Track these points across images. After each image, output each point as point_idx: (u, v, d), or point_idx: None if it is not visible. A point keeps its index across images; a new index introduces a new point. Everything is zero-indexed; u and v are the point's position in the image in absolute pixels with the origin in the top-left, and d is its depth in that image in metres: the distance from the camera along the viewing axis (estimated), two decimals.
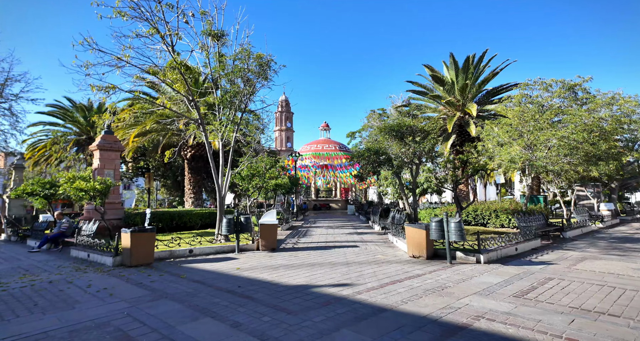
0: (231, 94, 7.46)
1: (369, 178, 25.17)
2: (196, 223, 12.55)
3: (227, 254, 7.06)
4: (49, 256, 8.07)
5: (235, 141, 8.32)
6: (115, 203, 12.22)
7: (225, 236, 7.89)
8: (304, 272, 5.10)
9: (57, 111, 28.00)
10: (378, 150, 8.99)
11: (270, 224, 7.39)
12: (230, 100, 7.80)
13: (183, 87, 7.27)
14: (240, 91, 7.44)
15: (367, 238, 9.93)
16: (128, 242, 5.86)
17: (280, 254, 6.85)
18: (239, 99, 7.61)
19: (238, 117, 8.04)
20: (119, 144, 12.86)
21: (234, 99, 7.78)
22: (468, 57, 19.10)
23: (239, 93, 7.45)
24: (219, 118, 8.21)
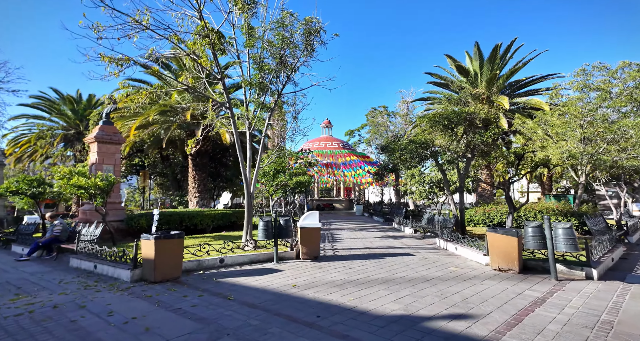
0: (268, 71, 6.35)
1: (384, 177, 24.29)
2: (208, 225, 11.44)
3: (265, 264, 6.02)
4: (42, 266, 6.91)
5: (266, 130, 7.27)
6: (115, 203, 11.02)
7: (254, 241, 6.85)
8: (384, 292, 4.11)
9: (42, 102, 26.33)
10: (424, 142, 8.08)
11: (312, 227, 6.38)
12: (261, 80, 6.73)
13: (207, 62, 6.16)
14: (276, 68, 6.36)
15: (409, 243, 8.98)
16: (151, 251, 4.79)
17: (328, 265, 5.85)
18: (276, 77, 6.51)
19: (271, 102, 6.96)
20: (119, 136, 11.65)
21: (266, 79, 6.71)
22: (496, 46, 18.33)
23: (275, 71, 6.37)
24: (245, 103, 7.15)
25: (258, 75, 6.72)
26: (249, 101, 7.15)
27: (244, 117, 7.27)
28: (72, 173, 8.64)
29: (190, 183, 16.82)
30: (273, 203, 10.73)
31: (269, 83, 6.75)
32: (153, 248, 4.76)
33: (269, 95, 7.09)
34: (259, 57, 6.67)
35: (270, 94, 7.02)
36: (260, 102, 6.74)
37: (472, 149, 7.92)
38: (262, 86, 6.76)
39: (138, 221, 10.54)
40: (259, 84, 6.74)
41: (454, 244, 7.18)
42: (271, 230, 6.03)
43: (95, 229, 7.69)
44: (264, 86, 6.55)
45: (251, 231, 7.39)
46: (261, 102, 6.73)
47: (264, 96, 6.98)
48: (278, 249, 6.25)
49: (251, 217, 7.39)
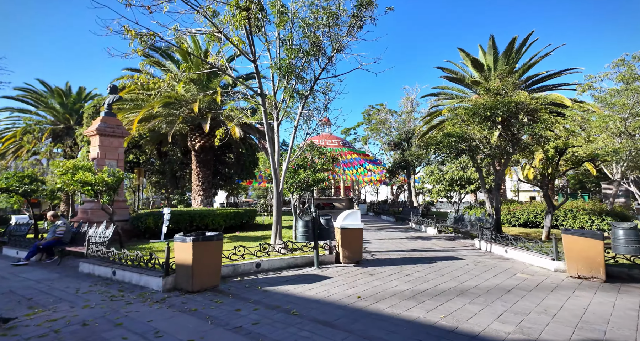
0: (306, 53, 5.73)
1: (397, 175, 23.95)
2: (220, 224, 10.83)
3: (305, 269, 5.50)
4: (46, 271, 6.24)
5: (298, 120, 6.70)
6: (120, 201, 10.31)
7: (285, 244, 6.32)
8: (473, 307, 3.58)
9: (28, 95, 25.08)
10: (462, 135, 7.65)
11: (354, 228, 5.88)
12: (292, 65, 6.13)
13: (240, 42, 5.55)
14: (313, 50, 5.75)
15: (443, 245, 8.56)
16: (188, 255, 4.21)
17: (378, 270, 5.35)
18: (314, 59, 5.88)
19: (305, 90, 6.36)
20: (122, 128, 10.92)
21: (298, 63, 6.11)
22: (513, 39, 18.09)
23: (314, 53, 5.76)
24: (274, 91, 6.58)
25: (288, 59, 6.15)
26: (278, 87, 6.58)
27: (270, 106, 6.70)
28: (76, 167, 7.94)
29: (193, 180, 16.10)
30: (294, 202, 10.18)
31: (302, 68, 6.17)
32: (190, 252, 4.18)
33: (299, 82, 6.53)
34: (289, 39, 6.09)
35: (300, 80, 6.45)
36: (293, 89, 6.17)
37: (514, 143, 7.54)
38: (290, 69, 6.16)
39: (145, 220, 9.86)
40: (288, 68, 6.16)
41: (501, 246, 6.78)
42: (312, 231, 5.51)
43: (106, 230, 7.04)
44: (292, 70, 5.96)
45: (280, 232, 6.86)
46: (293, 89, 6.17)
47: (295, 82, 6.43)
48: (316, 253, 5.74)
49: (280, 217, 6.86)
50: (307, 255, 5.78)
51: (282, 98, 6.69)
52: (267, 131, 6.43)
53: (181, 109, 15.00)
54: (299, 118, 6.61)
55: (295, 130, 6.75)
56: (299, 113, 6.53)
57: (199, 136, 15.45)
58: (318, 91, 6.52)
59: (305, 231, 5.48)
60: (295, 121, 6.65)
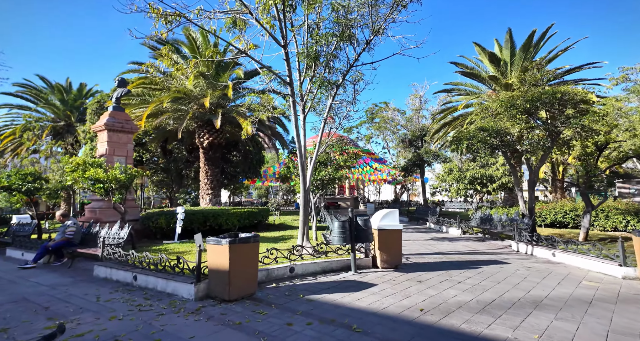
0: (341, 36, 5.23)
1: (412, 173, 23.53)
2: (234, 224, 10.43)
3: (341, 274, 5.10)
4: (57, 275, 5.86)
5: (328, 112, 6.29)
6: (130, 200, 9.92)
7: (319, 246, 5.92)
8: (564, 324, 3.13)
9: (28, 91, 24.70)
10: (499, 130, 7.23)
11: (393, 229, 5.48)
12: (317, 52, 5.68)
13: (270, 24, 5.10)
14: (345, 33, 5.27)
15: (477, 246, 8.15)
16: (224, 259, 3.82)
17: (423, 277, 4.94)
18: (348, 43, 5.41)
19: (334, 79, 5.92)
20: (131, 123, 10.52)
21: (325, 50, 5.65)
22: (532, 32, 17.63)
23: (348, 37, 5.28)
24: (299, 80, 6.16)
25: (319, 45, 5.71)
26: (304, 76, 6.14)
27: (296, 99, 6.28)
28: (86, 164, 7.56)
29: (202, 178, 15.71)
30: (314, 201, 9.77)
31: (332, 54, 5.73)
32: (227, 256, 3.79)
33: (327, 71, 6.09)
34: (319, 23, 5.64)
35: (328, 69, 6.02)
36: (322, 78, 5.73)
37: (553, 137, 7.12)
38: (318, 57, 5.71)
39: (156, 220, 9.48)
40: (316, 56, 5.72)
41: (546, 249, 6.36)
42: (349, 233, 5.11)
43: (120, 231, 6.66)
44: (329, 57, 5.51)
45: (308, 233, 6.47)
46: (323, 78, 5.72)
47: (324, 71, 6.00)
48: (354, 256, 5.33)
49: (307, 217, 6.47)
50: (342, 259, 5.39)
51: (308, 89, 6.28)
52: (295, 124, 6.04)
53: (189, 105, 14.59)
54: (328, 110, 6.20)
55: (324, 123, 6.35)
56: (329, 104, 6.11)
57: (208, 132, 15.06)
58: (348, 81, 6.10)
59: (342, 233, 5.08)
60: (325, 113, 6.24)
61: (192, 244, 7.95)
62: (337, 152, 9.34)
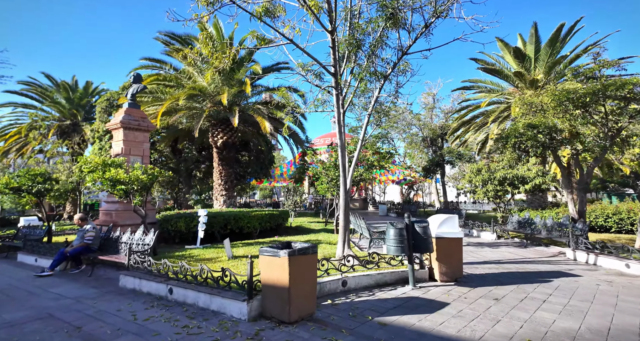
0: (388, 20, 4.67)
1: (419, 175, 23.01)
2: (255, 228, 10.01)
3: (398, 288, 4.62)
4: (79, 285, 5.46)
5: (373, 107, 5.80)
6: (148, 202, 9.53)
7: (370, 256, 5.44)
8: None
9: (33, 89, 24.50)
10: (551, 127, 6.70)
11: (453, 238, 5.00)
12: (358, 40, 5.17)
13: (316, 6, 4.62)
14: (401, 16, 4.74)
15: (525, 254, 7.59)
16: (282, 274, 3.36)
17: (494, 293, 4.40)
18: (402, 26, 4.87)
19: (381, 70, 5.41)
20: (148, 121, 10.14)
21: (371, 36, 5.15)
22: (560, 25, 17.04)
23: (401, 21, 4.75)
24: (339, 71, 5.69)
25: (359, 33, 5.21)
26: (344, 67, 5.65)
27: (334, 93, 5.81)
28: (106, 164, 7.17)
29: (215, 179, 15.31)
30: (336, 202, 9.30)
31: (380, 42, 5.24)
32: (286, 270, 3.33)
33: (370, 60, 5.61)
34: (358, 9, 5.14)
35: (370, 59, 5.54)
36: (368, 69, 5.23)
37: (613, 134, 6.57)
38: (357, 44, 5.23)
39: (175, 223, 9.07)
40: (358, 44, 5.24)
41: (616, 259, 5.82)
42: (407, 241, 4.64)
43: (145, 237, 6.23)
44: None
45: (349, 240, 6.00)
46: (369, 69, 5.23)
47: (367, 60, 5.53)
48: (403, 267, 4.85)
49: (348, 222, 6.00)
50: (396, 270, 4.90)
51: (348, 81, 5.82)
52: (338, 120, 5.58)
53: (204, 103, 14.21)
54: (373, 104, 5.71)
55: (368, 119, 5.88)
56: (374, 98, 5.63)
57: (222, 131, 14.67)
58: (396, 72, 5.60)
59: (399, 242, 4.60)
60: (370, 107, 5.76)
61: (219, 250, 7.52)
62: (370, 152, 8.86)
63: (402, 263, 5.05)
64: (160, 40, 13.94)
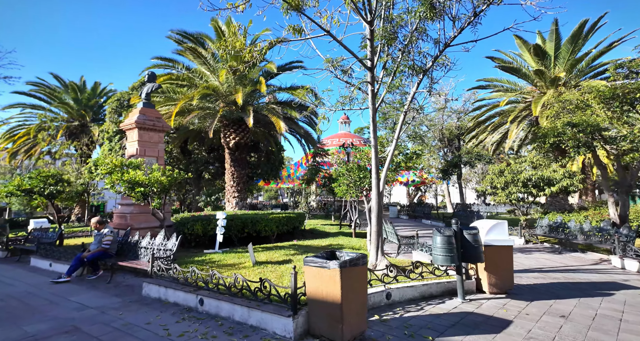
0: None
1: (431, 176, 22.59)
2: (272, 231, 9.73)
3: (446, 301, 4.29)
4: (99, 293, 5.21)
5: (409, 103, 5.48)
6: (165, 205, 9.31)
7: (397, 266, 5.11)
8: None
9: (41, 90, 24.59)
10: (593, 125, 6.30)
11: (503, 246, 4.65)
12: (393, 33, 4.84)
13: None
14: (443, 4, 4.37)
15: (564, 261, 7.13)
16: (331, 288, 3.06)
17: (555, 307, 4.01)
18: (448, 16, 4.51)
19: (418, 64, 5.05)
20: (162, 121, 9.94)
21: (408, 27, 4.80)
22: (583, 22, 16.54)
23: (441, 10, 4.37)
24: (372, 64, 5.38)
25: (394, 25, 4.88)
26: (377, 61, 5.30)
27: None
28: (123, 165, 6.95)
29: (227, 180, 15.09)
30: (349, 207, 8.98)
31: (421, 30, 4.91)
32: (338, 283, 3.02)
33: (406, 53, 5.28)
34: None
35: (406, 52, 5.22)
36: (406, 62, 4.90)
37: None
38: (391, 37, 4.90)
39: (192, 227, 8.82)
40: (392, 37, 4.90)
41: None
42: (457, 251, 4.31)
43: (167, 241, 5.97)
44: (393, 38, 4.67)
45: (383, 246, 5.67)
46: (407, 62, 4.90)
47: (404, 52, 5.20)
48: (448, 277, 4.52)
49: (382, 226, 5.68)
50: (441, 281, 4.57)
51: (381, 76, 5.50)
52: (372, 118, 5.27)
53: (217, 102, 14.01)
54: (410, 100, 5.39)
55: (403, 117, 5.56)
56: (412, 93, 5.28)
57: (234, 132, 14.45)
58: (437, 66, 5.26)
59: (449, 251, 4.27)
60: (406, 105, 5.43)
61: (240, 255, 7.25)
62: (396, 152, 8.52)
63: (446, 273, 4.71)
64: (173, 39, 13.80)
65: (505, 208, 29.59)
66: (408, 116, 6.24)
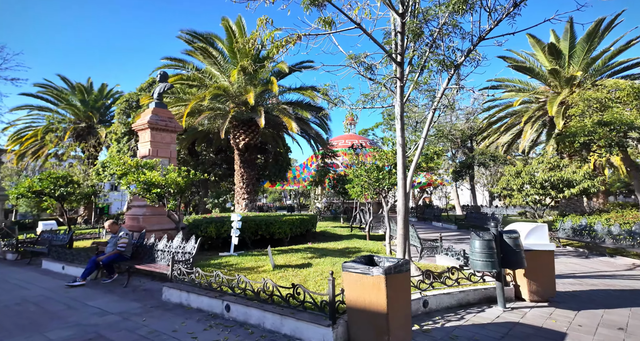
0: None
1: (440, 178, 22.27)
2: (286, 233, 9.55)
3: (486, 310, 4.06)
4: (117, 297, 5.06)
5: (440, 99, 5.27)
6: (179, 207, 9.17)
7: (432, 272, 4.89)
8: None
9: (49, 92, 24.71)
10: (629, 123, 6.06)
11: (543, 250, 4.42)
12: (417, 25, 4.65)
13: None
14: None
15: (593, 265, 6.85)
16: (375, 297, 2.86)
17: (612, 320, 3.71)
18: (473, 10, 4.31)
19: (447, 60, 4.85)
20: (175, 122, 9.83)
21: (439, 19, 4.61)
22: (600, 20, 16.23)
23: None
24: (398, 58, 5.19)
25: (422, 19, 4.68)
26: (406, 56, 5.09)
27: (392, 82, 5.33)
28: (138, 166, 6.83)
29: (237, 182, 14.96)
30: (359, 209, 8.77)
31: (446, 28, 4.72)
32: (383, 291, 2.82)
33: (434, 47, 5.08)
34: None
35: (431, 48, 5.01)
36: (438, 57, 4.69)
37: None
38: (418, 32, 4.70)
39: (205, 229, 8.68)
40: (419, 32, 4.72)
41: None
42: (497, 256, 4.09)
43: (185, 244, 5.81)
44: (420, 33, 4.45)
45: (409, 249, 5.46)
46: (439, 57, 4.70)
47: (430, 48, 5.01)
48: (502, 287, 4.29)
49: (408, 229, 5.47)
50: (478, 288, 4.34)
51: (407, 72, 5.31)
52: (400, 115, 5.09)
53: (227, 103, 13.92)
54: (440, 97, 5.18)
55: (432, 115, 5.36)
56: (442, 89, 5.08)
57: (244, 132, 14.33)
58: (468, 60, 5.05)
59: (488, 256, 4.05)
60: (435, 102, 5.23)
61: (256, 258, 7.07)
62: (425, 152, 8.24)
63: (482, 279, 4.49)
64: (183, 39, 13.74)
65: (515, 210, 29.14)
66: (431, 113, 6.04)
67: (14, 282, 6.36)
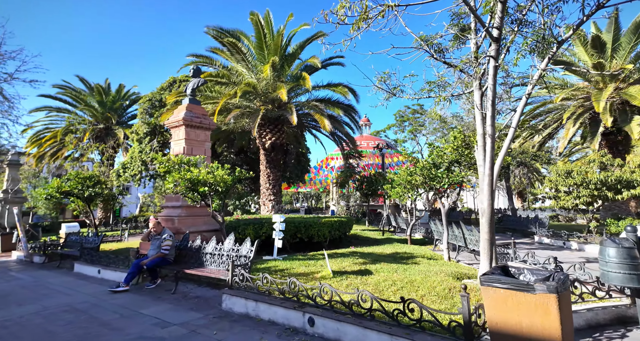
0: None
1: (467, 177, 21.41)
2: (325, 236, 8.99)
3: (623, 331, 3.41)
4: (171, 306, 4.58)
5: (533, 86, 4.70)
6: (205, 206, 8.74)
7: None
8: None
9: (67, 93, 24.86)
10: None
11: None
12: None
13: None
14: None
15: None
16: (539, 320, 2.26)
17: None
18: None
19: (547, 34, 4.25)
20: (209, 119, 9.44)
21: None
22: None
23: None
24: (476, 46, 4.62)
25: None
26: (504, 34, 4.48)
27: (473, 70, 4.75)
28: (182, 163, 6.41)
29: (263, 183, 14.51)
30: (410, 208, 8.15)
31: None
32: (555, 314, 2.21)
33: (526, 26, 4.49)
34: None
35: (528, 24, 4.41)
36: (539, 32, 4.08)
37: None
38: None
39: (243, 231, 8.18)
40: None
41: None
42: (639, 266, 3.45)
43: (239, 247, 5.29)
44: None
45: (495, 256, 4.84)
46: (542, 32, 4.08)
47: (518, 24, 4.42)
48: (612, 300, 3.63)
49: (494, 232, 4.85)
50: (606, 305, 3.68)
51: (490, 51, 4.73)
52: (493, 100, 4.50)
53: (254, 101, 13.54)
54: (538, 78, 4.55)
55: (525, 100, 4.77)
56: (540, 70, 4.44)
57: (270, 132, 13.91)
58: None
59: (630, 267, 3.40)
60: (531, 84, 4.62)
61: (304, 263, 6.50)
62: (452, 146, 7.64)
63: (609, 294, 3.84)
64: (211, 35, 13.45)
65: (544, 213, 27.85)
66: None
67: (52, 287, 5.98)
